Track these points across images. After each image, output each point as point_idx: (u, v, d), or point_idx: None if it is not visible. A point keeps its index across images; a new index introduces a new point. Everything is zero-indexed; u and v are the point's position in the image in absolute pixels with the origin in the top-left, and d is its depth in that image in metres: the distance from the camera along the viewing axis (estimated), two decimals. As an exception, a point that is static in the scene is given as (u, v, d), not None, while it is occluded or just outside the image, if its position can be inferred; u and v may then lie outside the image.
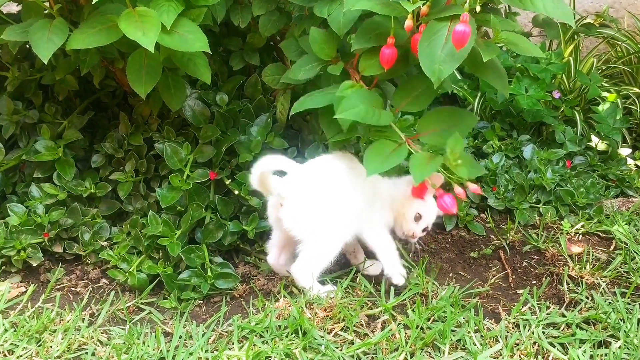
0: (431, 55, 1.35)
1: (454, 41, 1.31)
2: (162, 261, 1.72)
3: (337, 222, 1.61)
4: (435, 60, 1.35)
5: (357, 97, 1.48)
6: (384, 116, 1.49)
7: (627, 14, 3.02)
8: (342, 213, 1.60)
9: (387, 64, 1.48)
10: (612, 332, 1.52)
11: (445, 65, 1.35)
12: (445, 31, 1.35)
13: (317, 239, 1.60)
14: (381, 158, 1.47)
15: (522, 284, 1.74)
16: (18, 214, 1.79)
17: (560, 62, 2.46)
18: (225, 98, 1.93)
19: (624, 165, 2.33)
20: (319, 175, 1.63)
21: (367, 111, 1.46)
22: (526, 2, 1.37)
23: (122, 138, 1.93)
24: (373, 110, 1.48)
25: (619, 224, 1.96)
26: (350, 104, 1.46)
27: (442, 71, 1.35)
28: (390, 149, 1.50)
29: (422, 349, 1.47)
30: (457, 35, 1.31)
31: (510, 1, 1.38)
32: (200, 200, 1.79)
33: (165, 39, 1.46)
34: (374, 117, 1.47)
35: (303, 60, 1.66)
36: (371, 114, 1.47)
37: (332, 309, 1.58)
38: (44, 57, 1.49)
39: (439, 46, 1.35)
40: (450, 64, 1.35)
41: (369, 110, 1.47)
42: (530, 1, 1.37)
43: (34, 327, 1.53)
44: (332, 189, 1.60)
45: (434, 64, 1.35)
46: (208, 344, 1.49)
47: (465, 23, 1.31)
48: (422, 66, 1.36)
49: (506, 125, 2.40)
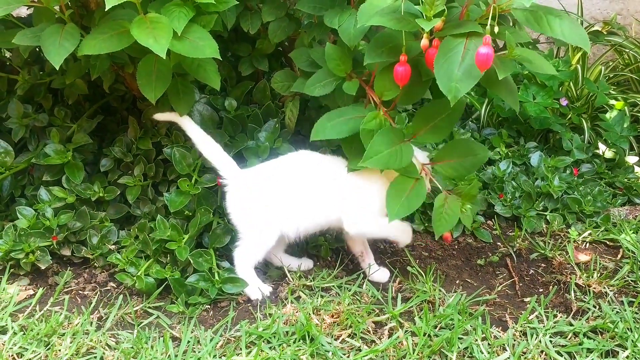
0: (448, 73, 1.35)
1: (478, 63, 1.31)
2: (170, 265, 1.72)
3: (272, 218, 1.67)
4: (452, 78, 1.35)
5: (380, 141, 1.50)
6: (406, 154, 1.52)
7: (635, 21, 3.02)
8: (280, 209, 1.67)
9: (401, 81, 1.48)
10: (620, 342, 1.52)
11: (462, 84, 1.35)
12: (462, 48, 1.35)
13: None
14: (401, 199, 1.51)
15: (529, 292, 1.74)
16: (27, 217, 1.80)
17: (568, 69, 2.46)
18: (234, 103, 1.93)
19: (631, 173, 2.33)
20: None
21: (389, 156, 1.50)
22: (545, 26, 1.37)
23: (130, 142, 1.93)
24: (395, 150, 1.50)
25: (627, 232, 1.96)
26: (374, 150, 1.49)
27: (459, 89, 1.35)
28: (408, 185, 1.52)
29: (430, 356, 1.47)
30: (481, 58, 1.31)
31: (529, 24, 1.38)
32: (208, 204, 1.80)
33: (176, 45, 1.47)
34: (396, 161, 1.51)
35: (318, 75, 1.67)
36: (394, 157, 1.51)
37: (340, 316, 1.58)
38: (55, 63, 1.50)
39: (456, 64, 1.35)
40: (467, 82, 1.35)
41: (392, 153, 1.50)
42: (549, 24, 1.37)
43: (42, 331, 1.54)
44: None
45: (450, 82, 1.35)
46: (216, 349, 1.50)
47: (489, 45, 1.31)
48: (438, 84, 1.35)
49: (513, 132, 2.41)
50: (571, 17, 1.44)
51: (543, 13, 1.38)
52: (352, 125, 1.56)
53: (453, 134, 2.34)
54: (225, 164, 1.71)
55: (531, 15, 1.38)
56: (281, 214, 1.67)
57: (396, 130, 1.54)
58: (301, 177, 1.67)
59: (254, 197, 1.68)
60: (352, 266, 1.83)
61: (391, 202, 1.52)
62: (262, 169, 1.73)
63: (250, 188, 1.69)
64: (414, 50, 1.47)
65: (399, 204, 1.51)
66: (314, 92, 1.64)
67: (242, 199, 1.69)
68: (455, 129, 2.38)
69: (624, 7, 3.09)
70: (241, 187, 1.70)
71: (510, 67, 1.40)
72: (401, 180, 1.54)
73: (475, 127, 2.43)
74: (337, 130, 1.59)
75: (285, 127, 1.91)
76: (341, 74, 1.62)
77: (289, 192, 1.67)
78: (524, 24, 1.38)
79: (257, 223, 1.68)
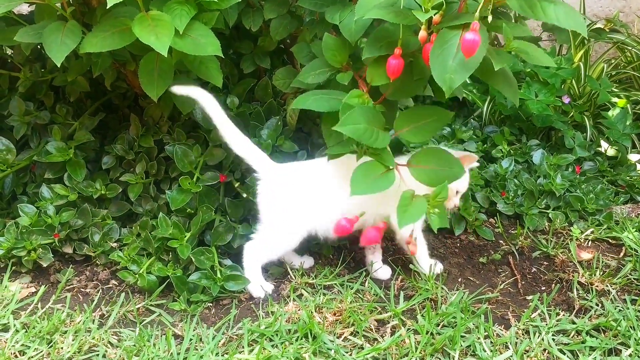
0: (443, 65, 1.35)
1: (463, 50, 1.31)
2: (172, 263, 1.72)
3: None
4: (446, 69, 1.35)
5: (360, 113, 1.48)
6: (381, 138, 1.50)
7: (637, 18, 3.01)
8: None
9: (393, 75, 1.47)
10: (623, 340, 1.52)
11: (457, 75, 1.34)
12: (457, 40, 1.34)
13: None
14: (368, 180, 1.49)
15: (532, 290, 1.74)
16: (29, 214, 1.80)
17: (570, 67, 2.46)
18: (236, 101, 1.93)
19: (634, 171, 2.32)
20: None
21: (365, 130, 1.47)
22: (538, 11, 1.36)
23: (132, 140, 1.93)
24: (372, 130, 1.48)
25: (629, 230, 1.95)
26: (352, 119, 1.47)
27: (454, 80, 1.34)
28: (378, 172, 1.51)
29: (432, 354, 1.47)
30: (466, 44, 1.30)
31: (522, 10, 1.37)
32: (210, 202, 1.80)
33: (178, 43, 1.47)
34: (371, 138, 1.48)
35: (313, 64, 1.66)
36: (369, 134, 1.48)
37: (342, 313, 1.58)
38: (57, 60, 1.49)
39: (451, 55, 1.34)
40: (461, 74, 1.34)
41: (368, 130, 1.47)
42: (543, 11, 1.36)
43: (45, 328, 1.54)
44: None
45: (445, 73, 1.35)
46: (218, 347, 1.50)
47: (475, 32, 1.30)
48: (433, 75, 1.35)
49: (515, 129, 2.40)
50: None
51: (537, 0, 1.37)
52: (334, 103, 1.54)
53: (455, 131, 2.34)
54: (257, 156, 1.69)
55: (525, 2, 1.37)
56: (315, 212, 1.66)
57: (377, 113, 1.52)
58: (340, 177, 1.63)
59: (288, 194, 1.67)
60: (353, 264, 1.83)
61: (358, 179, 1.50)
62: (301, 166, 1.74)
63: (286, 184, 1.68)
64: (412, 45, 1.46)
65: (365, 183, 1.49)
66: (307, 80, 1.63)
67: (275, 194, 1.68)
68: (457, 126, 2.38)
69: (626, 4, 3.09)
70: (275, 181, 1.68)
71: (506, 58, 1.40)
72: (374, 165, 1.52)
73: (477, 125, 2.42)
74: (319, 103, 1.57)
75: (287, 124, 1.91)
76: (336, 64, 1.61)
77: (327, 192, 1.66)
78: (519, 11, 1.36)
79: (286, 221, 1.68)
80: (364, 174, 1.51)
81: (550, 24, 1.41)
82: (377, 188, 1.50)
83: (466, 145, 2.26)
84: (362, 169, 1.51)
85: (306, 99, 1.59)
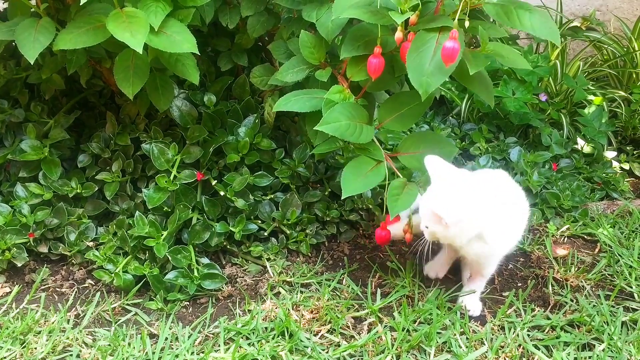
0: (419, 68, 1.35)
1: (444, 57, 1.31)
2: (149, 262, 1.71)
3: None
4: (423, 72, 1.35)
5: (340, 110, 1.48)
6: (365, 133, 1.50)
7: (614, 17, 3.04)
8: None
9: (374, 74, 1.48)
10: (596, 335, 1.54)
11: (433, 78, 1.35)
12: (434, 43, 1.35)
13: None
14: (359, 178, 1.49)
15: (508, 287, 1.75)
16: (3, 213, 1.78)
17: (547, 65, 2.48)
18: (213, 99, 1.92)
19: (609, 168, 2.35)
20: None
21: (348, 127, 1.47)
22: (514, 20, 1.37)
23: (108, 138, 1.91)
24: (355, 125, 1.48)
25: (604, 226, 1.98)
26: (333, 117, 1.47)
27: (430, 84, 1.35)
28: (368, 167, 1.51)
29: (408, 351, 1.47)
30: (446, 52, 1.31)
31: (499, 17, 1.38)
32: (187, 201, 1.79)
33: (153, 40, 1.45)
34: (354, 134, 1.48)
35: (291, 62, 1.66)
36: (352, 130, 1.48)
37: (319, 311, 1.58)
38: (30, 57, 1.48)
39: (427, 58, 1.35)
40: (438, 77, 1.35)
41: (351, 126, 1.48)
42: (519, 19, 1.37)
43: (18, 329, 1.52)
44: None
45: (422, 76, 1.35)
46: (194, 346, 1.49)
47: (455, 40, 1.31)
48: (410, 78, 1.36)
49: (493, 127, 2.42)
50: (547, 12, 1.45)
51: (514, 7, 1.38)
52: (316, 103, 1.54)
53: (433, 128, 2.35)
54: None
55: (501, 9, 1.38)
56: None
57: (359, 108, 1.52)
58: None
59: None
60: (332, 262, 1.83)
61: (348, 179, 1.50)
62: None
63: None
64: (389, 44, 1.47)
65: (357, 181, 1.49)
66: (285, 78, 1.63)
67: None
68: (436, 124, 2.40)
69: (603, 3, 3.12)
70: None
71: (481, 62, 1.41)
72: (363, 161, 1.53)
73: (455, 123, 2.44)
74: (300, 104, 1.57)
75: (265, 122, 1.91)
76: (315, 61, 1.61)
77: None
78: (495, 17, 1.38)
79: None
80: (354, 171, 1.51)
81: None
82: (369, 184, 1.50)
83: (444, 143, 2.27)
84: (351, 168, 1.51)
85: (287, 101, 1.59)
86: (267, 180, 1.86)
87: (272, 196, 1.88)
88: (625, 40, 2.79)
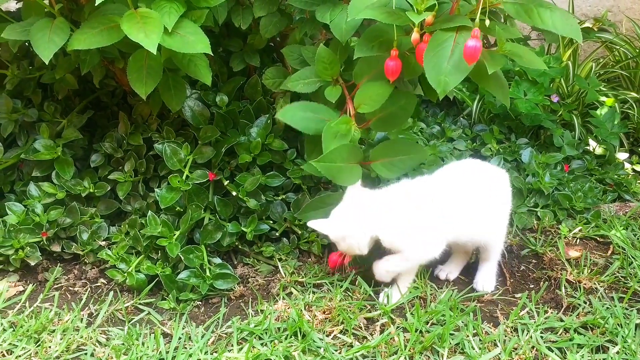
0: (437, 67, 1.35)
1: (466, 57, 1.31)
2: (161, 261, 1.71)
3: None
4: (441, 71, 1.35)
5: (339, 152, 1.53)
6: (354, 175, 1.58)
7: (625, 18, 3.03)
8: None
9: (392, 76, 1.49)
10: (610, 337, 1.53)
11: (451, 77, 1.35)
12: (451, 42, 1.35)
13: None
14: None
15: (520, 288, 1.75)
16: (16, 212, 1.79)
17: (559, 66, 2.47)
18: (225, 99, 1.92)
19: (621, 169, 2.34)
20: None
21: (339, 170, 1.55)
22: (535, 18, 1.37)
23: (121, 138, 1.92)
24: (346, 167, 1.56)
25: (617, 228, 1.97)
26: (330, 157, 1.53)
27: (448, 83, 1.35)
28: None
29: (421, 352, 1.47)
30: (469, 51, 1.31)
31: (519, 16, 1.37)
32: (199, 201, 1.79)
33: (167, 41, 1.46)
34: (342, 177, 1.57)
35: (304, 72, 1.67)
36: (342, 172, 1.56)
37: (331, 312, 1.58)
38: (45, 58, 1.48)
39: (445, 57, 1.35)
40: (456, 76, 1.35)
41: (342, 169, 1.55)
42: (539, 16, 1.37)
43: (32, 327, 1.53)
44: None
45: (439, 75, 1.35)
46: (207, 346, 1.49)
47: (477, 38, 1.31)
48: (427, 77, 1.36)
49: (504, 128, 2.41)
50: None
51: (534, 5, 1.38)
52: (321, 125, 1.57)
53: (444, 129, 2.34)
54: None
55: (521, 8, 1.38)
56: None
57: (356, 150, 1.57)
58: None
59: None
60: (343, 262, 1.83)
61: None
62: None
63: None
64: (404, 45, 1.47)
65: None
66: (296, 87, 1.64)
67: None
68: (447, 125, 2.39)
69: (614, 4, 3.10)
70: None
71: (500, 61, 1.40)
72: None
73: (466, 124, 2.43)
74: (306, 124, 1.60)
75: (277, 123, 1.91)
76: (327, 77, 1.62)
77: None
78: (515, 16, 1.37)
79: None
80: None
81: (540, 24, 1.43)
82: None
83: (455, 144, 2.27)
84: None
85: (294, 114, 1.62)
86: (278, 181, 1.86)
87: (284, 196, 1.88)
88: (637, 41, 2.77)
